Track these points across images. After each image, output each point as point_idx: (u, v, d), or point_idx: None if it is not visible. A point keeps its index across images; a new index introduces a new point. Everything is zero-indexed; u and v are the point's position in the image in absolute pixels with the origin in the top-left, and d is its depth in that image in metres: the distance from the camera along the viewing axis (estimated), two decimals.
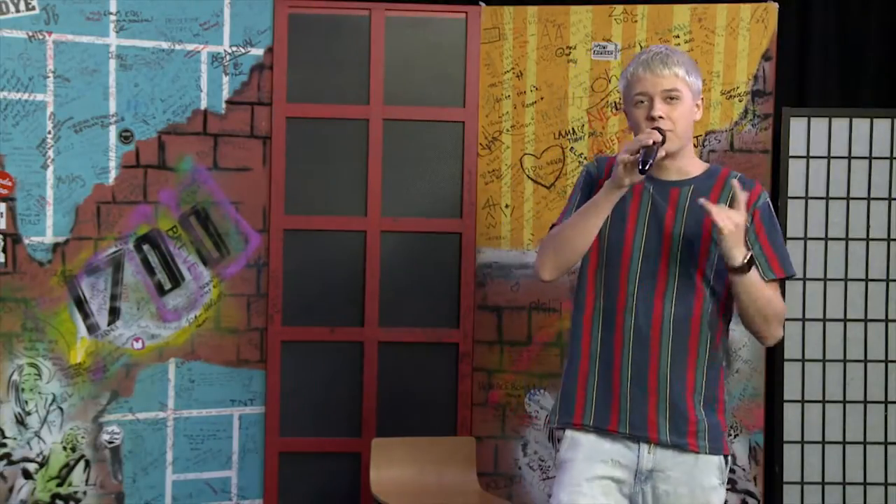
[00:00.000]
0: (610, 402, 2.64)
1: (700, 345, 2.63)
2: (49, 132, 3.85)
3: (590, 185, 2.73)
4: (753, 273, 2.55)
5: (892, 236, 4.25)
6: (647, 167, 2.49)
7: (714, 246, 2.60)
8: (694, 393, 2.63)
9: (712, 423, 2.64)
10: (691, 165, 2.70)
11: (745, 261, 2.52)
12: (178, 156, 4.00)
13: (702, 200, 2.53)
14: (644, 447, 2.63)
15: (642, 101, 2.63)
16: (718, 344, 2.67)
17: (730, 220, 2.49)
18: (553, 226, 2.75)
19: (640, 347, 2.62)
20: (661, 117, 2.58)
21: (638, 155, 2.51)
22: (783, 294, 2.72)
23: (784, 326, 2.67)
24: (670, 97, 2.61)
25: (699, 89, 2.67)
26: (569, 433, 2.70)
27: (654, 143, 2.52)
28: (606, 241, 2.66)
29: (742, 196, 2.55)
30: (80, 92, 3.87)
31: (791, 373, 4.24)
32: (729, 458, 2.70)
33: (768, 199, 2.67)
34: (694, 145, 4.01)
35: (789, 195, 4.23)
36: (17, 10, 3.80)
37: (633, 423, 2.62)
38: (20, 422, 3.85)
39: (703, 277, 2.63)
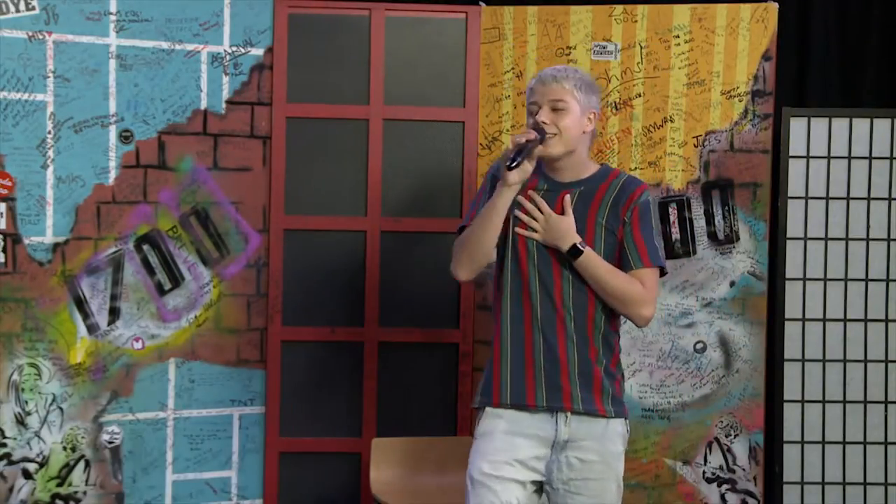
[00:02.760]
0: (524, 378, 2.88)
1: (596, 321, 2.89)
2: (49, 132, 3.85)
3: (494, 187, 2.95)
4: (587, 258, 2.84)
5: (892, 236, 4.25)
6: (513, 164, 2.81)
7: (597, 240, 2.89)
8: (597, 363, 2.89)
9: (613, 390, 2.91)
10: (585, 169, 2.97)
11: (569, 249, 2.84)
12: (178, 156, 4.00)
13: (519, 214, 2.91)
14: (561, 419, 2.87)
15: (532, 111, 2.93)
16: (614, 320, 2.94)
17: (539, 227, 2.88)
18: (461, 227, 3.00)
19: (548, 324, 2.87)
20: (544, 122, 2.88)
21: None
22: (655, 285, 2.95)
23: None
24: (556, 107, 2.89)
25: (591, 105, 2.95)
26: (488, 409, 2.93)
27: (527, 140, 2.82)
28: (511, 233, 2.93)
29: (568, 207, 2.90)
30: (80, 92, 3.87)
31: (791, 373, 4.25)
32: (629, 423, 2.95)
33: (650, 199, 2.94)
34: (694, 145, 4.06)
35: (789, 195, 4.23)
36: (17, 10, 3.80)
37: (549, 395, 2.86)
38: (20, 422, 3.85)
39: None
